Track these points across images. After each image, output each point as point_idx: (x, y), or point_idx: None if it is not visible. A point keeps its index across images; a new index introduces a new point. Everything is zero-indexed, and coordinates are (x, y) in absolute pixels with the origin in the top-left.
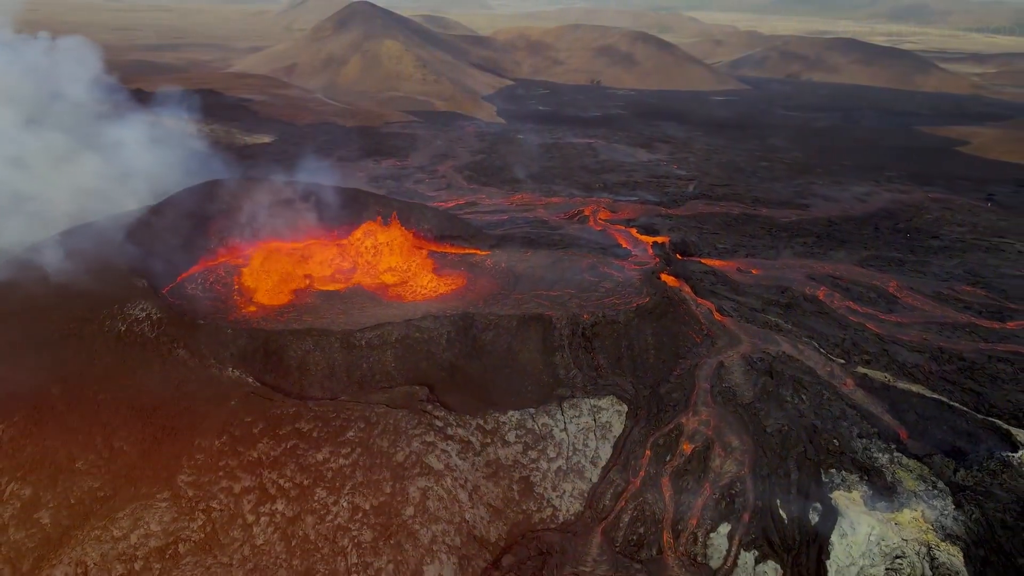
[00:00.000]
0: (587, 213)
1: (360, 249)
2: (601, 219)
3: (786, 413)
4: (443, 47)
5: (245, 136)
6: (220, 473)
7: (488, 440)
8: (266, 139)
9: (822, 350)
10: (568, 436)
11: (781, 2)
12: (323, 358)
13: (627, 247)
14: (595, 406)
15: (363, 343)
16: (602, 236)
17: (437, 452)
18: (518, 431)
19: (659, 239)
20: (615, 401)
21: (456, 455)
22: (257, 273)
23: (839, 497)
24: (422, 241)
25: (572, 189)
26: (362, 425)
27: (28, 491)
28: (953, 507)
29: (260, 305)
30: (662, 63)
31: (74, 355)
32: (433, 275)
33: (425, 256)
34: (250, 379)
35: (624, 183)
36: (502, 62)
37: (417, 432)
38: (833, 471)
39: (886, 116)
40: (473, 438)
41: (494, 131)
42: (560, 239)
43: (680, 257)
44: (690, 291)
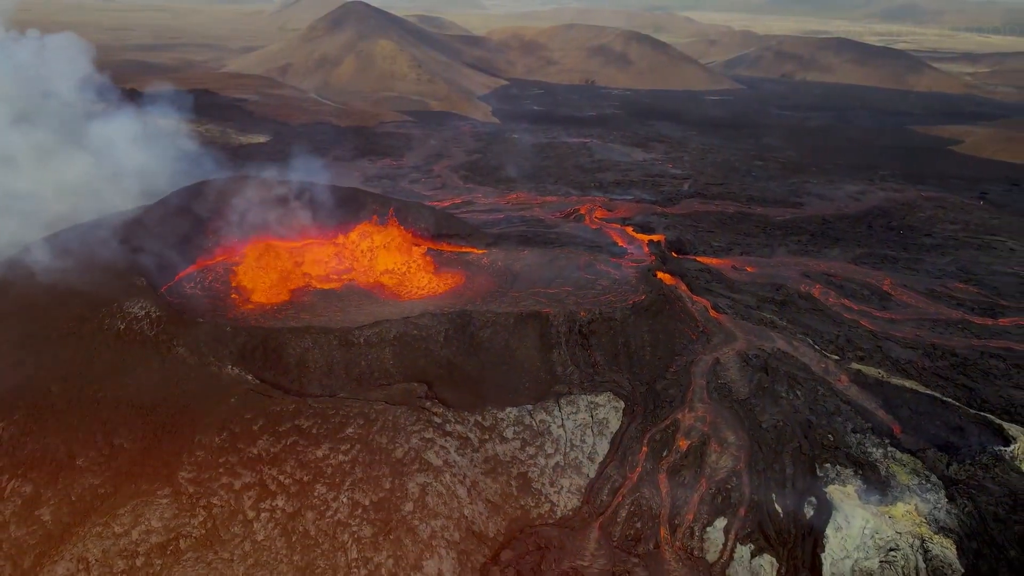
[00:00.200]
0: (583, 212)
1: (357, 247)
2: (597, 218)
3: (781, 409)
4: (437, 47)
5: (240, 136)
6: (220, 470)
7: (486, 436)
8: (261, 139)
9: (817, 347)
10: (565, 432)
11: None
12: (322, 356)
13: (623, 245)
14: (592, 402)
15: (361, 341)
16: (598, 234)
17: (436, 448)
18: (516, 427)
19: (655, 237)
20: (612, 398)
21: (455, 451)
22: (254, 272)
23: (834, 491)
24: (419, 239)
25: (568, 188)
26: (361, 422)
27: (29, 488)
28: (946, 500)
29: (258, 304)
30: (656, 63)
31: (74, 353)
32: (430, 273)
33: (422, 254)
34: (249, 377)
35: (619, 182)
36: (496, 62)
37: (416, 429)
38: (828, 466)
39: (879, 115)
40: (471, 434)
41: (489, 131)
42: (556, 237)
43: (675, 255)
44: (686, 289)
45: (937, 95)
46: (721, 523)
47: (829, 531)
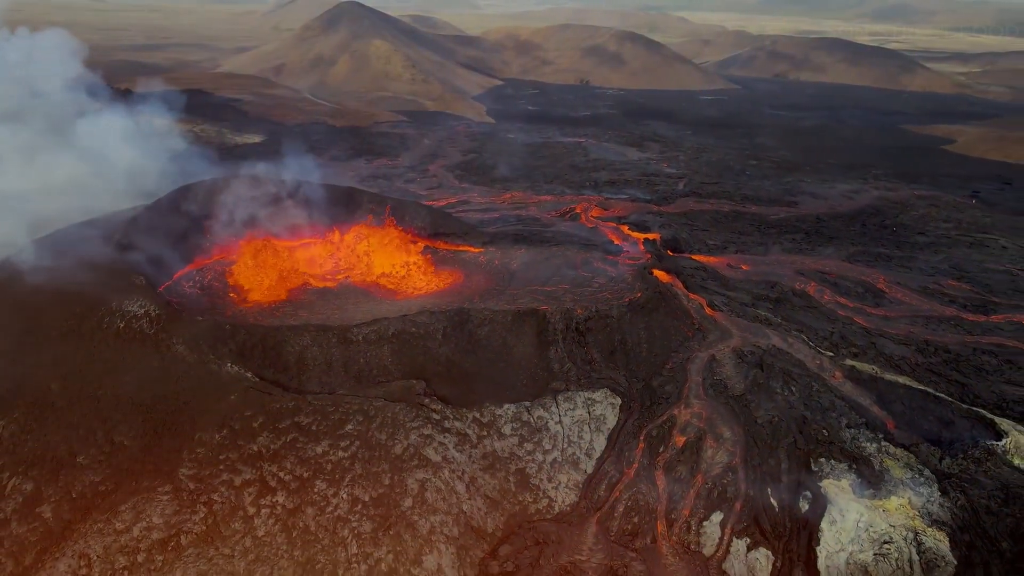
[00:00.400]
0: (578, 211)
1: (354, 246)
2: (592, 216)
3: (776, 404)
4: (432, 47)
5: (235, 136)
6: (221, 467)
7: (484, 433)
8: (256, 139)
9: (811, 343)
10: (563, 428)
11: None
12: (321, 353)
13: (619, 244)
14: (589, 399)
15: (360, 338)
16: (594, 233)
17: (434, 445)
18: (514, 424)
19: (650, 236)
20: (609, 394)
21: (453, 447)
22: (252, 271)
23: (828, 485)
24: (416, 238)
25: (563, 187)
26: (360, 419)
27: (30, 486)
28: (939, 494)
29: (256, 302)
30: (651, 63)
31: (74, 352)
32: (428, 272)
33: (419, 253)
34: (249, 374)
35: (614, 181)
36: (491, 62)
37: (415, 425)
38: (822, 460)
39: (872, 115)
40: (470, 431)
41: (484, 131)
42: (552, 236)
43: (671, 253)
44: (681, 286)
45: (929, 95)
46: (717, 517)
47: (824, 524)
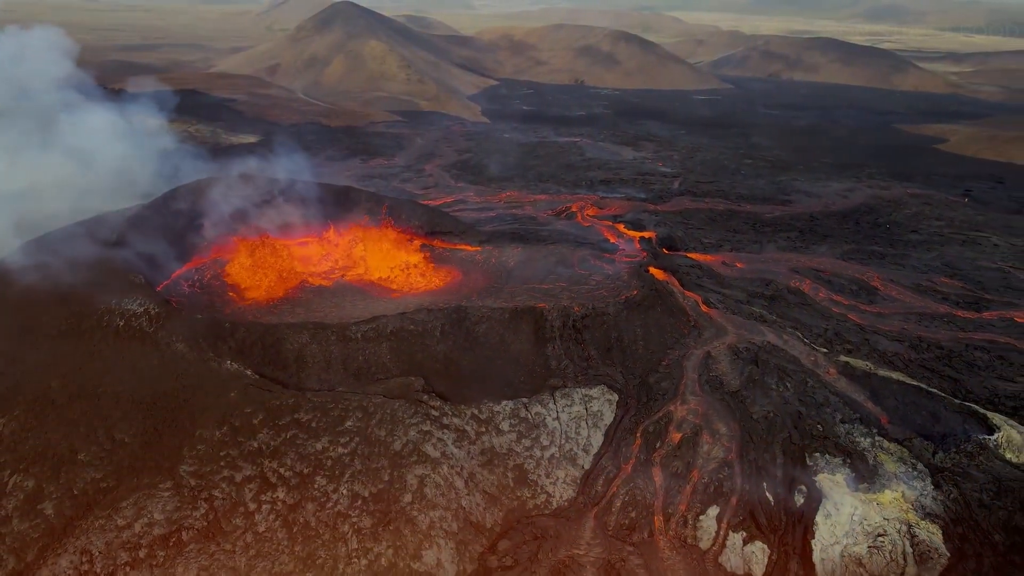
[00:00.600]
0: (574, 209)
1: (351, 245)
2: (588, 215)
3: (771, 400)
4: (427, 47)
5: (230, 136)
6: (221, 463)
7: (483, 429)
8: (251, 139)
9: (806, 340)
10: (560, 425)
11: (762, 2)
12: (320, 351)
13: (615, 242)
14: (586, 395)
15: (359, 336)
16: (590, 232)
17: (433, 441)
18: (512, 420)
19: (646, 234)
20: (606, 391)
21: (452, 443)
22: (250, 269)
23: (823, 480)
24: (413, 237)
25: (558, 186)
26: (360, 415)
27: (31, 483)
28: (932, 487)
29: (254, 300)
30: (645, 62)
31: (73, 350)
32: (425, 270)
33: (417, 251)
34: (248, 371)
35: (609, 180)
36: (485, 62)
37: (414, 421)
38: (817, 455)
39: (865, 115)
40: (468, 427)
41: (479, 130)
42: (548, 235)
43: (666, 251)
44: (677, 284)
45: (922, 94)
46: (714, 512)
47: (819, 518)
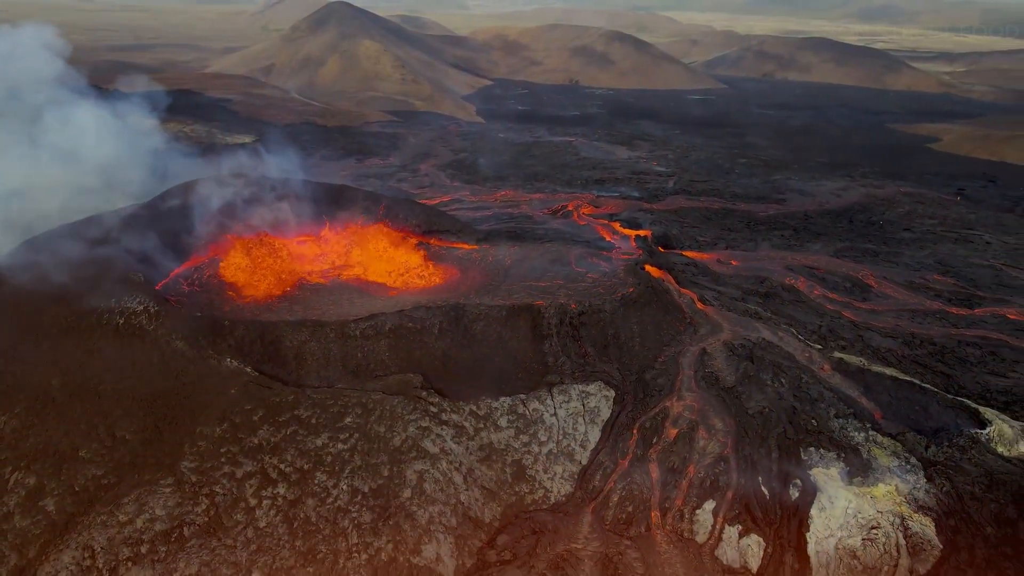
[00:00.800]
0: (570, 208)
1: (349, 243)
2: (584, 214)
3: (767, 396)
4: (421, 47)
5: (226, 136)
6: (222, 459)
7: (481, 425)
8: (247, 139)
9: (800, 337)
10: (558, 421)
11: (756, 2)
12: (319, 348)
13: (610, 240)
14: (584, 392)
15: (357, 333)
16: (586, 230)
17: (432, 437)
18: (510, 416)
19: (641, 232)
20: (603, 387)
21: (450, 439)
22: (247, 268)
23: (818, 473)
24: (410, 235)
25: (554, 185)
26: (359, 411)
27: (32, 480)
28: (925, 481)
29: (252, 299)
30: (639, 62)
31: (73, 348)
32: (423, 268)
33: (414, 250)
34: (248, 369)
35: (605, 179)
36: (479, 62)
37: (413, 418)
38: (812, 449)
39: (859, 114)
40: (466, 423)
41: (474, 130)
42: (545, 233)
43: (662, 250)
44: (673, 281)
45: (915, 94)
46: (710, 506)
47: (814, 511)
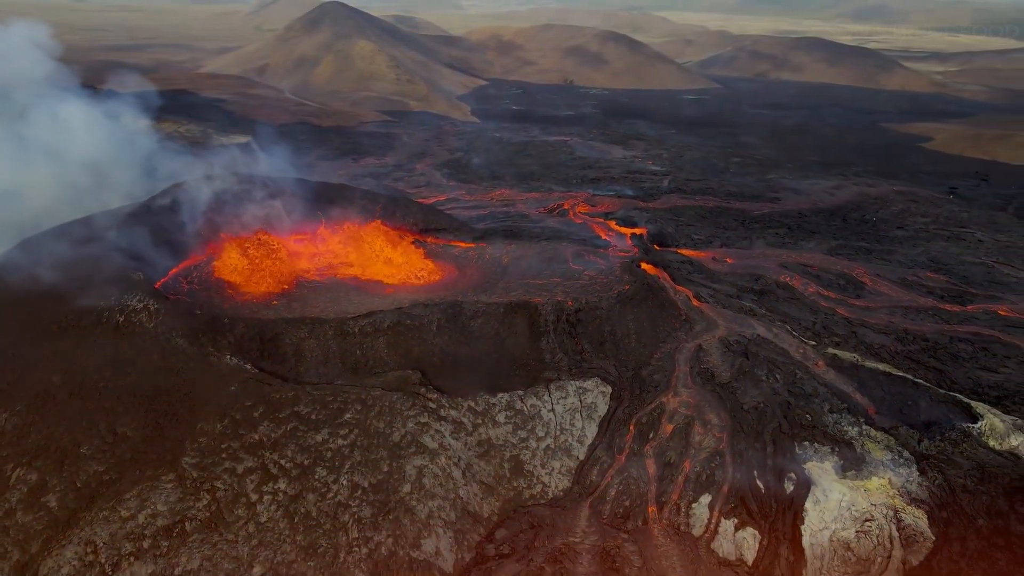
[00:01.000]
0: (566, 207)
1: (347, 241)
2: (580, 213)
3: (762, 391)
4: (415, 47)
5: (221, 136)
6: (223, 455)
7: (479, 421)
8: (243, 138)
9: (795, 333)
10: (555, 416)
11: (750, 2)
12: (318, 345)
13: (606, 238)
14: (581, 388)
15: (356, 330)
16: (582, 228)
17: (431, 432)
18: (507, 412)
19: (637, 231)
20: (599, 383)
21: (449, 435)
22: (245, 267)
23: (812, 467)
24: (408, 234)
25: (550, 185)
26: (359, 407)
27: (34, 476)
28: (918, 474)
29: (251, 297)
30: (633, 62)
31: (74, 346)
32: (420, 266)
33: (411, 248)
34: (248, 366)
35: (600, 179)
36: (474, 62)
37: (412, 413)
38: (806, 444)
39: (852, 114)
40: (465, 419)
41: (469, 130)
42: (541, 232)
43: (657, 248)
44: (668, 279)
45: (907, 94)
46: (706, 499)
47: (808, 504)
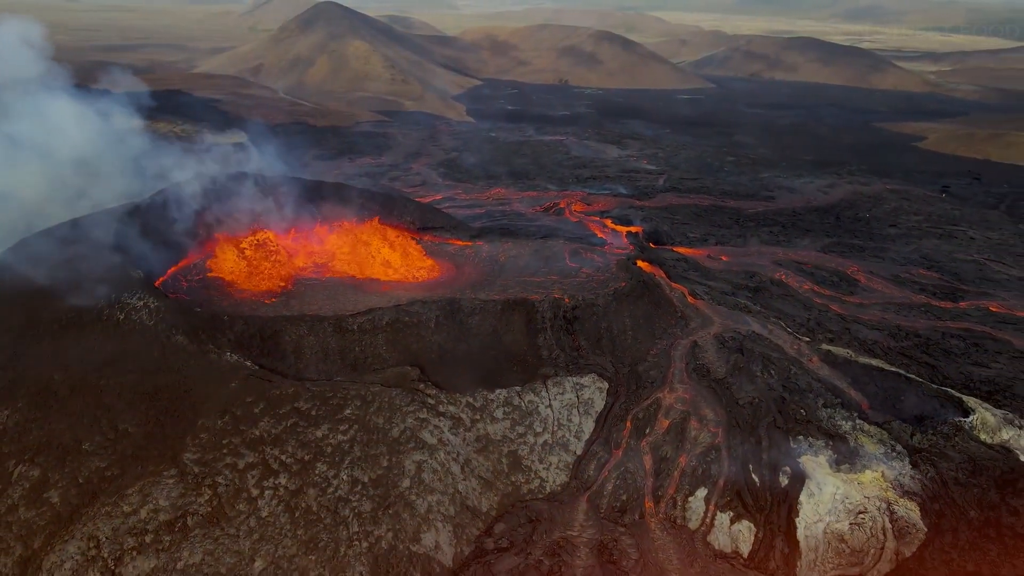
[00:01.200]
0: (562, 206)
1: (345, 240)
2: (576, 211)
3: (756, 387)
4: (410, 47)
5: (217, 136)
6: (224, 451)
7: (477, 417)
8: (238, 138)
9: (789, 329)
10: (553, 412)
11: (744, 2)
12: (317, 342)
13: (602, 236)
14: (578, 384)
15: (355, 327)
16: (578, 227)
17: (430, 428)
18: (505, 408)
19: (633, 229)
20: (596, 379)
21: (448, 431)
22: (244, 265)
23: (807, 461)
24: (405, 232)
25: (546, 184)
26: (358, 403)
27: (36, 472)
28: (910, 467)
29: (250, 295)
30: (628, 62)
31: (74, 343)
32: (418, 264)
33: (409, 246)
34: (248, 363)
35: (595, 177)
36: (469, 62)
37: (411, 409)
38: (801, 438)
39: (846, 113)
40: (463, 415)
41: (465, 129)
42: (538, 230)
43: (653, 246)
44: (664, 276)
45: (901, 93)
46: (702, 493)
47: (803, 497)
